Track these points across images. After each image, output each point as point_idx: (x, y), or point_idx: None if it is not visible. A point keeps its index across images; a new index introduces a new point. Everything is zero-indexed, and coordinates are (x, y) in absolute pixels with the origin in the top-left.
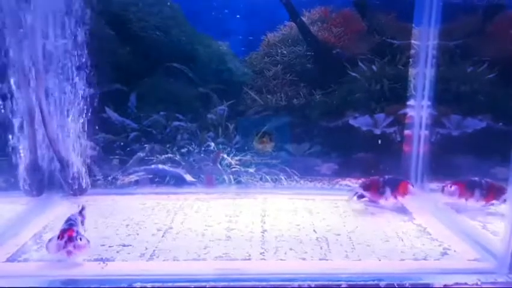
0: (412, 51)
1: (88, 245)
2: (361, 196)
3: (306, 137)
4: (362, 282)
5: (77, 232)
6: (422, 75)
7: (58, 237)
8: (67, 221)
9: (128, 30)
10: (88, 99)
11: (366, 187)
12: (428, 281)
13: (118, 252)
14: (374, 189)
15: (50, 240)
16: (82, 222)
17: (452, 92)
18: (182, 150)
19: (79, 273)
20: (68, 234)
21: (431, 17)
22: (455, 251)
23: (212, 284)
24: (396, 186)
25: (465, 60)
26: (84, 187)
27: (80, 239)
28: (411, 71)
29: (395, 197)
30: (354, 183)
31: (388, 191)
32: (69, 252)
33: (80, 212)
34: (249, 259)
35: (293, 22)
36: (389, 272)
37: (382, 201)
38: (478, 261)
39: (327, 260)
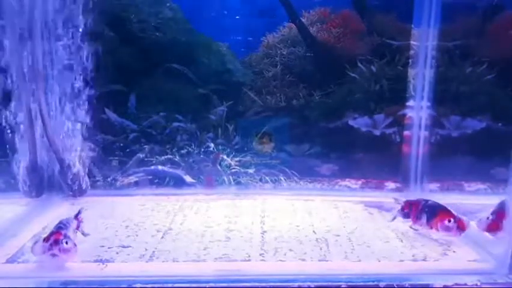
0: (411, 52)
1: (74, 248)
2: (406, 215)
3: (305, 137)
4: (362, 283)
5: (65, 235)
6: (421, 76)
7: (44, 240)
8: (57, 224)
9: (128, 31)
10: (88, 100)
11: (407, 206)
12: (428, 282)
13: (117, 253)
14: (414, 211)
15: (35, 242)
16: (78, 226)
17: (452, 92)
18: (182, 151)
19: (79, 274)
20: (55, 237)
21: (431, 18)
22: (454, 251)
23: (212, 285)
24: (434, 215)
25: (464, 61)
26: (83, 188)
27: (67, 243)
28: (411, 72)
29: (431, 227)
30: (354, 183)
31: (424, 217)
32: (53, 255)
33: (76, 216)
34: (249, 260)
35: (292, 23)
36: (389, 273)
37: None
38: (477, 262)
39: (326, 260)
